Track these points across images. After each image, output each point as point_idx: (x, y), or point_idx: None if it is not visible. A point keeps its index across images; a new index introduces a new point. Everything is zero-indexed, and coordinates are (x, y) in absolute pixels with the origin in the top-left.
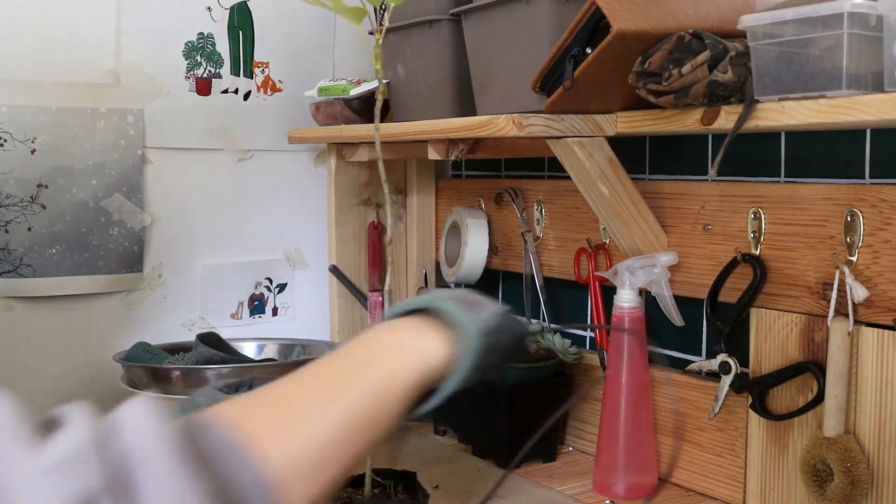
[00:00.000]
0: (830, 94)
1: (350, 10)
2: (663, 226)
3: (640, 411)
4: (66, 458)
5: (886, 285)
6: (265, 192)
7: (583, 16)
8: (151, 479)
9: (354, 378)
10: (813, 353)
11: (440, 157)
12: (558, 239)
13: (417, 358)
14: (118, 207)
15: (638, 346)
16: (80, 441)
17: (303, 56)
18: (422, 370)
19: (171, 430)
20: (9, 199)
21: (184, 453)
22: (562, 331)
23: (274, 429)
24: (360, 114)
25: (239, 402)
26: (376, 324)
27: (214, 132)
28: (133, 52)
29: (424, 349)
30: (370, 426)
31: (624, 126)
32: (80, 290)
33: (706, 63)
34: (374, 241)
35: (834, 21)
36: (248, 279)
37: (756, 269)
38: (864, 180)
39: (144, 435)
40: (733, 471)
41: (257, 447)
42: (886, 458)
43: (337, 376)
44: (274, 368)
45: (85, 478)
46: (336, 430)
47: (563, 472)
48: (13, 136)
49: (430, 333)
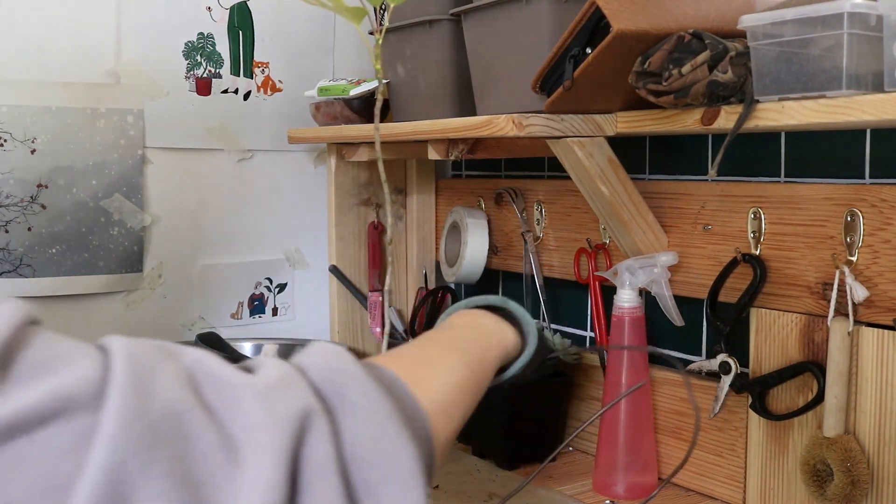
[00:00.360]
0: (830, 94)
1: (350, 10)
2: (663, 226)
3: (640, 411)
4: (276, 382)
5: (886, 285)
6: (265, 192)
7: (583, 16)
8: (356, 393)
9: (465, 345)
10: (813, 353)
11: (440, 157)
12: (558, 239)
13: (503, 341)
14: (118, 207)
15: (639, 351)
16: (286, 369)
17: (303, 56)
18: (503, 350)
19: (355, 358)
20: (9, 199)
21: (372, 376)
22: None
23: (419, 374)
24: (360, 114)
25: (389, 356)
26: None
27: (214, 132)
28: (133, 52)
29: (505, 335)
30: (478, 383)
31: (624, 126)
32: (80, 290)
33: (706, 63)
34: (374, 241)
35: (834, 21)
36: (248, 279)
37: (756, 269)
38: (864, 180)
39: (337, 361)
40: (733, 471)
41: (411, 385)
42: (886, 458)
43: (453, 342)
44: None
45: (300, 395)
46: (460, 380)
47: (563, 472)
48: (13, 136)
49: (504, 325)
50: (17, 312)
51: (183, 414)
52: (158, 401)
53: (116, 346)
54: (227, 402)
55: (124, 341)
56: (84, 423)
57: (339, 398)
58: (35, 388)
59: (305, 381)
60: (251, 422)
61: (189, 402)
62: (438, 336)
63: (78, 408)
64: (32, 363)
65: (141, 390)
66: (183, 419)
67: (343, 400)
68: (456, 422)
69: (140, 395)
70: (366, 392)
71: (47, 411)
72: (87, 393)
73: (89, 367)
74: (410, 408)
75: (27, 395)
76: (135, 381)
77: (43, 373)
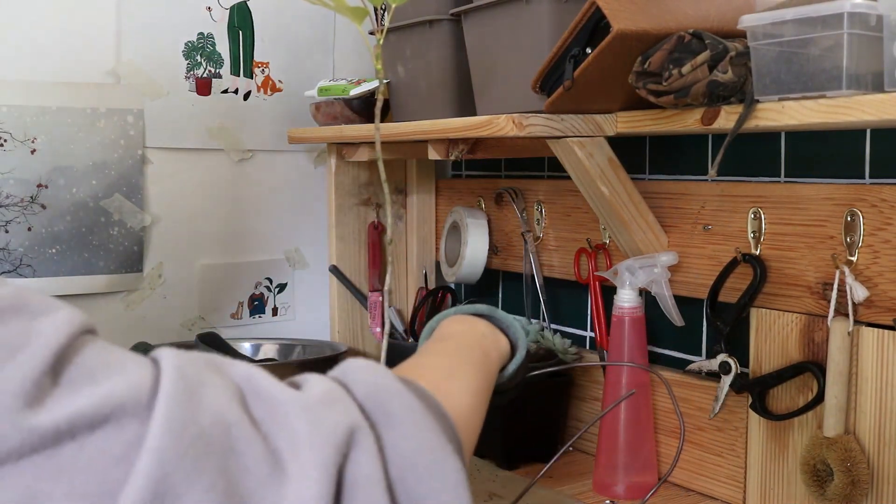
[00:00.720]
0: (830, 94)
1: (351, 9)
2: (663, 226)
3: (640, 411)
4: (323, 398)
5: (886, 285)
6: (265, 192)
7: (583, 16)
8: (400, 409)
9: (472, 353)
10: (813, 353)
11: (440, 157)
12: (558, 239)
13: (498, 346)
14: (118, 207)
15: (639, 350)
16: (330, 386)
17: (303, 56)
18: (500, 354)
19: (393, 373)
20: (9, 199)
21: (412, 390)
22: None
23: (443, 386)
24: (360, 114)
25: (406, 368)
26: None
27: (214, 132)
28: (133, 52)
29: (499, 341)
30: (489, 389)
31: (624, 126)
32: (80, 290)
33: (706, 63)
34: (374, 241)
35: (834, 21)
36: (248, 279)
37: (756, 269)
38: (864, 180)
39: (378, 377)
40: (733, 471)
41: (439, 397)
42: (886, 458)
43: (462, 351)
44: (274, 368)
45: (346, 411)
46: (477, 389)
47: (563, 472)
48: (13, 136)
49: (498, 333)
50: (74, 320)
51: (230, 427)
52: (206, 412)
53: (167, 357)
54: (274, 416)
55: (175, 352)
56: (133, 431)
57: (384, 414)
58: (85, 394)
59: (350, 397)
60: (297, 437)
61: (236, 415)
62: (445, 346)
63: (127, 415)
64: (84, 370)
65: (189, 401)
66: (230, 432)
67: (388, 416)
68: (477, 430)
69: (188, 405)
70: (410, 407)
71: (97, 417)
72: (137, 401)
73: (140, 375)
74: (446, 420)
75: (77, 400)
76: (184, 391)
77: (94, 379)
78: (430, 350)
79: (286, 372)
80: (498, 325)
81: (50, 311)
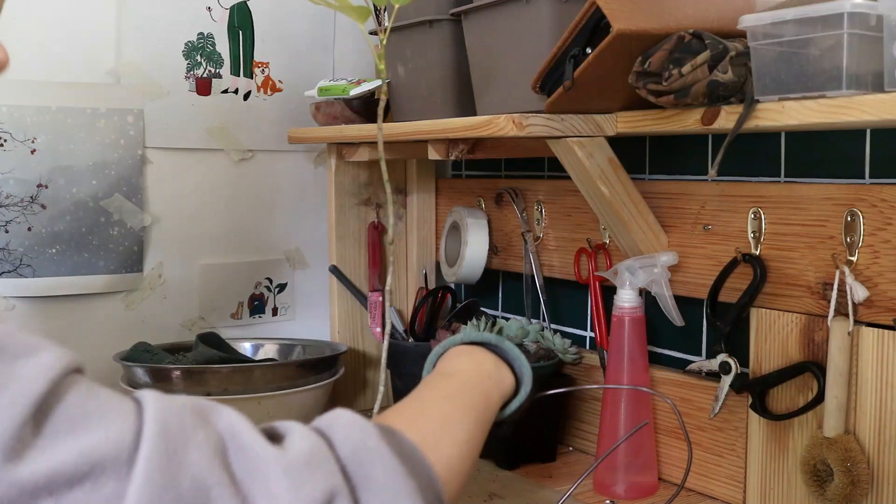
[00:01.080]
0: (830, 94)
1: (355, 8)
2: (663, 226)
3: (640, 411)
4: (306, 458)
5: (886, 285)
6: (265, 192)
7: (583, 16)
8: (381, 472)
9: (472, 396)
10: (813, 353)
11: (440, 157)
12: (558, 239)
13: (502, 385)
14: (118, 207)
15: (639, 350)
16: (314, 443)
17: (303, 56)
18: (502, 394)
19: (377, 429)
20: (9, 199)
21: (395, 452)
22: None
23: (433, 437)
24: (360, 114)
25: (395, 414)
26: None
27: (214, 132)
28: (133, 52)
29: (504, 379)
30: (483, 433)
31: (624, 126)
32: (80, 290)
33: (706, 63)
34: (374, 241)
35: (834, 21)
36: (248, 279)
37: (756, 269)
38: (864, 180)
39: (364, 436)
40: (733, 471)
41: (426, 451)
42: (886, 458)
43: (461, 394)
44: (274, 368)
45: (327, 474)
46: (470, 437)
47: (563, 472)
48: (13, 136)
49: (503, 368)
50: (56, 363)
51: (210, 489)
52: (186, 475)
53: (151, 405)
54: (255, 475)
55: (158, 400)
56: (111, 490)
57: (364, 477)
58: (65, 449)
59: (333, 458)
60: (276, 501)
61: (217, 477)
62: (447, 387)
63: (106, 473)
64: (65, 419)
65: (170, 463)
66: (209, 494)
67: (369, 479)
68: (463, 479)
69: (169, 467)
70: (392, 471)
71: (75, 474)
72: (117, 457)
73: (121, 429)
74: (429, 479)
75: (56, 455)
76: (166, 452)
77: (74, 431)
78: (431, 389)
79: (286, 372)
80: (504, 356)
81: (32, 354)
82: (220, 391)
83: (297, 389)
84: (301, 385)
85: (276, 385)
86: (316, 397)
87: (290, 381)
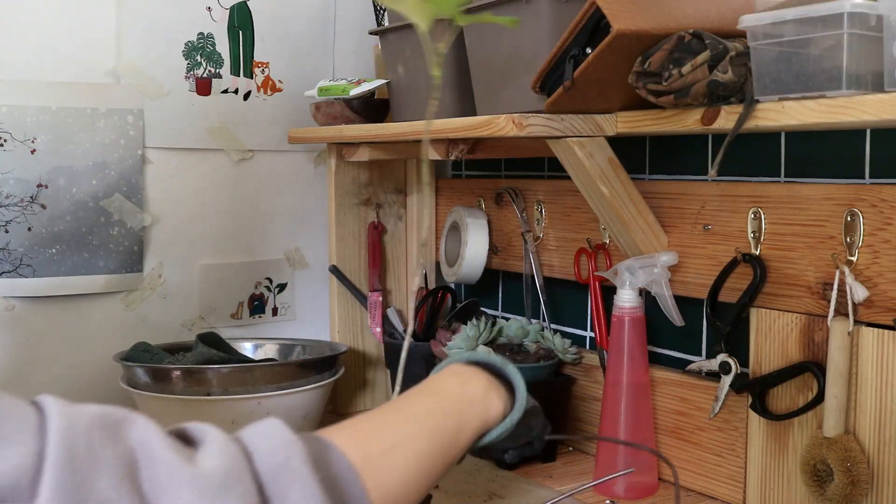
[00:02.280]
0: (830, 94)
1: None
2: (663, 226)
3: (640, 411)
4: (222, 477)
5: (886, 285)
6: (265, 192)
7: (583, 16)
8: (300, 498)
9: (441, 424)
10: (813, 353)
11: (440, 157)
12: (558, 239)
13: (485, 414)
14: (118, 207)
15: (639, 350)
16: (232, 459)
17: (303, 56)
18: (482, 423)
19: (305, 448)
20: (9, 199)
21: (320, 473)
22: None
23: (376, 462)
24: (360, 114)
25: (347, 429)
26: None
27: (214, 132)
28: (133, 52)
29: (490, 407)
30: (443, 464)
31: (624, 126)
32: (80, 290)
33: (706, 63)
34: (374, 241)
35: (834, 21)
36: (248, 279)
37: (756, 269)
38: (864, 180)
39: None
40: (733, 471)
41: (364, 476)
42: (886, 458)
43: (429, 420)
44: (274, 368)
45: (241, 493)
46: (421, 466)
47: (563, 472)
48: (13, 136)
49: (493, 394)
50: None
51: None
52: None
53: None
54: (165, 496)
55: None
56: None
57: (280, 499)
58: None
59: (250, 474)
60: None
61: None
62: (418, 408)
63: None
64: None
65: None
66: None
67: (284, 501)
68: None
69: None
70: (310, 496)
71: None
72: (15, 487)
73: (21, 453)
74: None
75: None
76: (72, 478)
77: None
78: (400, 407)
79: (286, 372)
80: (504, 378)
81: None
82: (220, 391)
83: (297, 389)
84: (301, 385)
85: (276, 385)
86: (316, 397)
87: (290, 382)
